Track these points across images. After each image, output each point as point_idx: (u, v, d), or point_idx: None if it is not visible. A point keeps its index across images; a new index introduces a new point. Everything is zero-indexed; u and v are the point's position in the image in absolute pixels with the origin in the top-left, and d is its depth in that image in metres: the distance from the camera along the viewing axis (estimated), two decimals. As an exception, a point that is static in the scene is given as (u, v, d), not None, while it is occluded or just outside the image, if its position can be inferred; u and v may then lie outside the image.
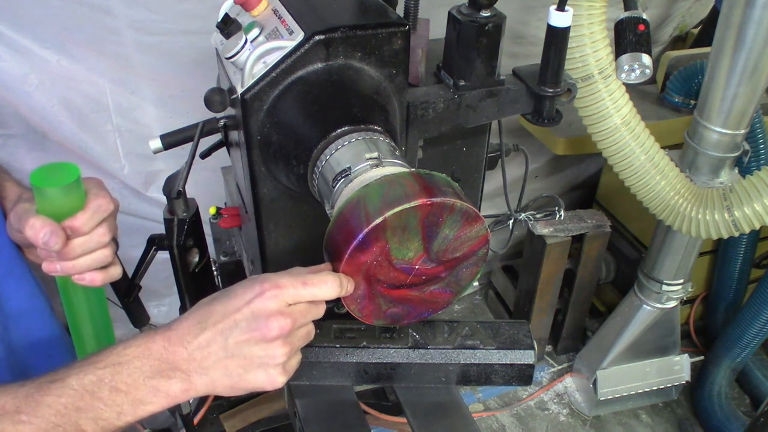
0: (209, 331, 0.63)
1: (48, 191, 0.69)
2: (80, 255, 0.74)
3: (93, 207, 0.73)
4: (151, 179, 1.76)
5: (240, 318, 0.63)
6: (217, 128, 0.96)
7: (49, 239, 0.69)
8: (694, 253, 1.82)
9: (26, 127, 1.56)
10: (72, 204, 0.71)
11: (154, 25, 1.45)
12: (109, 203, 0.75)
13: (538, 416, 2.22)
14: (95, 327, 0.82)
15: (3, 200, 0.85)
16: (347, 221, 0.66)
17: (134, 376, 0.62)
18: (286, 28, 0.81)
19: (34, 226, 0.69)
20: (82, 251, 0.73)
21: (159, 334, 0.64)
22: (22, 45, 1.44)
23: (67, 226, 0.71)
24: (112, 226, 0.77)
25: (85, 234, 0.73)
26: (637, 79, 1.34)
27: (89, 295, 0.80)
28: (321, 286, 0.65)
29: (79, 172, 0.71)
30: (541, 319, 2.27)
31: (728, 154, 1.53)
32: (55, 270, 0.74)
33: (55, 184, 0.69)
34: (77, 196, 0.72)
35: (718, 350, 2.14)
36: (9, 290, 0.85)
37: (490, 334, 0.94)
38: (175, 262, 0.95)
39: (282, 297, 0.64)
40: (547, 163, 2.39)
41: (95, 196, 0.74)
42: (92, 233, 0.73)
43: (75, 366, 0.63)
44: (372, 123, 0.78)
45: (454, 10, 0.92)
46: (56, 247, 0.70)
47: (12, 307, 0.85)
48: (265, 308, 0.63)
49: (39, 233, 0.69)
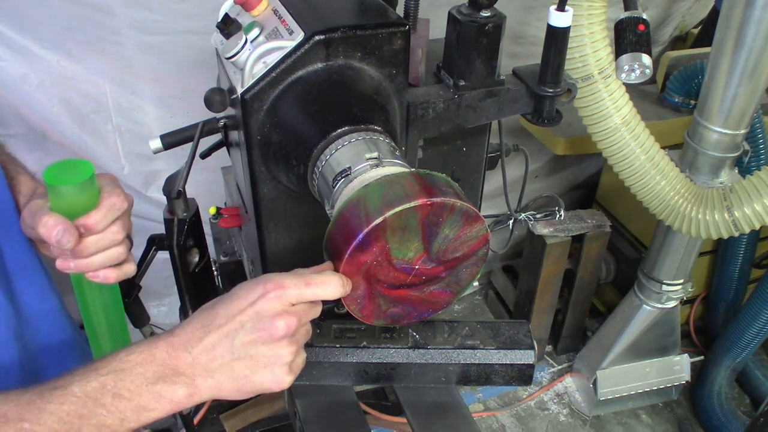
0: (214, 334, 0.63)
1: (61, 189, 0.69)
2: (94, 253, 0.73)
3: (107, 205, 0.72)
4: (151, 179, 1.76)
5: (245, 319, 0.63)
6: (217, 128, 0.96)
7: (62, 237, 0.69)
8: (694, 253, 1.82)
9: (26, 127, 1.57)
10: (86, 202, 0.71)
11: (154, 25, 1.45)
12: (123, 201, 0.74)
13: (538, 416, 2.22)
14: (110, 324, 0.82)
15: (17, 195, 0.85)
16: (347, 221, 0.66)
17: (137, 382, 0.62)
18: (286, 28, 0.81)
19: (48, 224, 0.69)
20: (95, 249, 0.73)
21: (162, 340, 0.64)
22: (22, 45, 1.44)
23: (80, 224, 0.71)
24: (125, 223, 0.77)
25: (98, 232, 0.72)
26: (637, 79, 1.34)
27: (103, 293, 0.79)
28: (324, 286, 0.65)
29: (92, 169, 0.71)
30: (541, 319, 2.28)
31: (728, 154, 1.53)
32: (69, 267, 0.74)
33: (69, 182, 0.69)
34: (91, 194, 0.71)
35: (718, 350, 2.14)
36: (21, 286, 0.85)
37: (490, 334, 0.94)
38: (175, 262, 0.95)
39: (286, 297, 0.64)
40: (547, 163, 2.39)
41: (109, 194, 0.73)
42: (106, 231, 0.73)
43: (77, 372, 0.62)
44: (372, 123, 0.78)
45: (454, 10, 0.92)
46: (69, 245, 0.70)
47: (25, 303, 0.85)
48: (270, 308, 0.63)
49: (52, 231, 0.68)
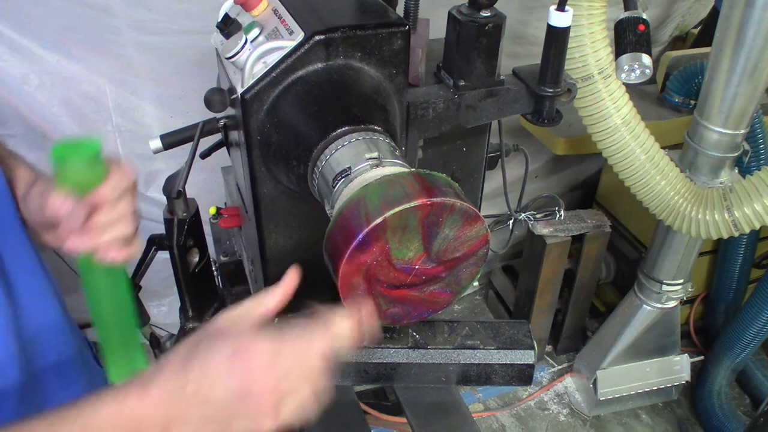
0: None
1: (70, 164, 0.69)
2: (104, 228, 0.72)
3: (114, 179, 0.72)
4: (151, 179, 1.76)
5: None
6: (217, 128, 0.96)
7: (73, 211, 0.68)
8: (694, 253, 1.82)
9: (26, 127, 1.56)
10: (94, 177, 0.71)
11: (154, 25, 1.45)
12: (129, 176, 0.74)
13: (538, 416, 2.22)
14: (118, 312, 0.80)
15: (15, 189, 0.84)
16: (347, 221, 0.66)
17: None
18: (286, 28, 0.81)
19: (56, 200, 0.68)
20: (105, 223, 0.72)
21: (132, 394, 0.59)
22: (22, 45, 1.44)
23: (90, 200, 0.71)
24: (132, 199, 0.76)
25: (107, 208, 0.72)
26: (637, 79, 1.34)
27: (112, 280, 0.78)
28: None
29: (99, 145, 0.71)
30: (541, 319, 2.27)
31: (728, 154, 1.53)
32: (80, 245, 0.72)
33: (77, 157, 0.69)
34: (99, 170, 0.71)
35: (718, 350, 2.14)
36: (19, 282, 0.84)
37: (490, 334, 0.94)
38: (175, 262, 0.95)
39: None
40: (547, 163, 2.39)
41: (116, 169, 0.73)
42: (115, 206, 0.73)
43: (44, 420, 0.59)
44: (372, 123, 0.78)
45: (454, 10, 0.92)
46: (80, 219, 0.69)
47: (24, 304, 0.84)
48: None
49: (63, 206, 0.68)
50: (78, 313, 0.91)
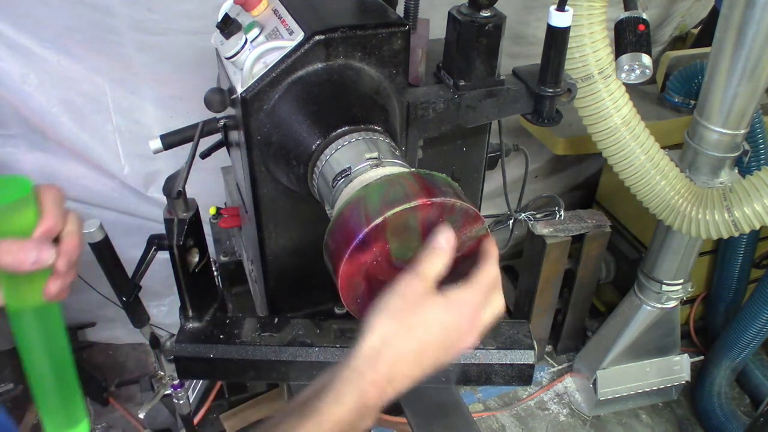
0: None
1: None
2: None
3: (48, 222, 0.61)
4: (151, 179, 1.76)
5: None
6: (217, 128, 0.96)
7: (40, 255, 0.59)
8: (694, 253, 1.82)
9: (26, 127, 1.57)
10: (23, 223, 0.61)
11: (154, 25, 1.45)
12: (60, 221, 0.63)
13: (538, 416, 2.22)
14: (52, 358, 0.69)
15: None
16: (347, 221, 0.66)
17: None
18: (286, 28, 0.81)
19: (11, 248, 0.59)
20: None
21: (368, 380, 0.63)
22: (22, 45, 1.44)
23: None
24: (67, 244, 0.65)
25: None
26: (637, 79, 1.34)
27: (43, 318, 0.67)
28: None
29: (30, 186, 0.61)
30: (541, 319, 2.27)
31: (728, 154, 1.53)
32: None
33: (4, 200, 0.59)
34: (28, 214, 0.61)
35: (718, 350, 2.14)
36: None
37: (490, 334, 0.94)
38: (175, 262, 0.95)
39: None
40: (547, 163, 2.39)
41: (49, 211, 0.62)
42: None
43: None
44: (372, 123, 0.78)
45: (454, 10, 0.92)
46: (52, 258, 0.60)
47: None
48: None
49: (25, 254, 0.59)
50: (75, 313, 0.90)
